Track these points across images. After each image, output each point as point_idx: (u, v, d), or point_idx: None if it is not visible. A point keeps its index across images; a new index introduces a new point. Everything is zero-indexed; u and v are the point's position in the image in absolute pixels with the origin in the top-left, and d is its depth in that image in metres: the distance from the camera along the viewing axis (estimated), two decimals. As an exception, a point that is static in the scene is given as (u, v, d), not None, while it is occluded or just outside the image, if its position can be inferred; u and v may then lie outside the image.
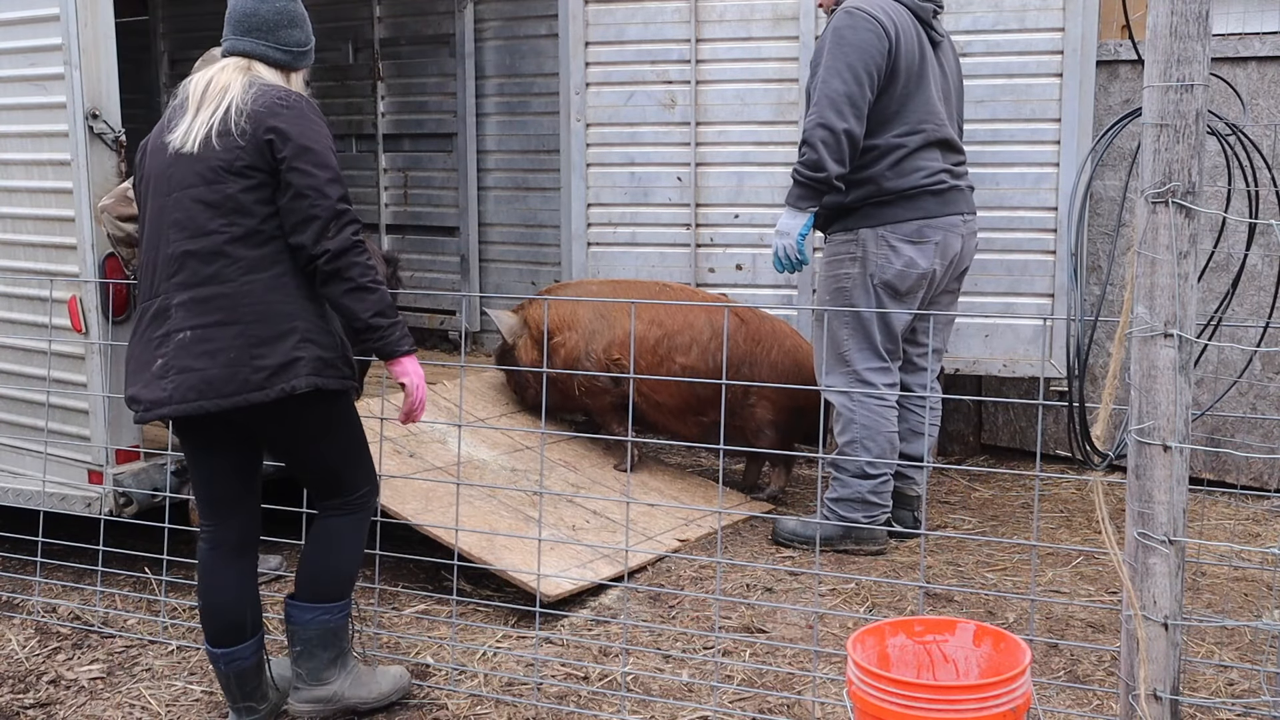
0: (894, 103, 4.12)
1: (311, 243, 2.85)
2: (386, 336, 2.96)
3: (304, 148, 2.83)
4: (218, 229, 2.85)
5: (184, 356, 2.85)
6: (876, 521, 4.29)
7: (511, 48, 6.40)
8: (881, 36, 4.03)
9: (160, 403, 2.87)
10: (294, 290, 2.90)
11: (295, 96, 2.92)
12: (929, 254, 4.18)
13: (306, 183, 2.84)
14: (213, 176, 2.84)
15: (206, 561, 3.10)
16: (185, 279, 2.87)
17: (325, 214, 2.84)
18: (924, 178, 4.16)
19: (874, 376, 4.23)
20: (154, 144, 3.01)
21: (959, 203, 4.27)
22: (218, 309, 2.85)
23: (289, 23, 3.00)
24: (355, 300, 2.90)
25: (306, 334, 2.89)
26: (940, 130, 4.21)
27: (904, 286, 4.20)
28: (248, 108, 2.84)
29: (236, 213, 2.85)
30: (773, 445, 4.74)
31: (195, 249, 2.86)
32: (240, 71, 2.93)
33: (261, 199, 2.86)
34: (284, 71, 3.01)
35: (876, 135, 4.12)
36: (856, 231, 4.20)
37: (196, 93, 2.92)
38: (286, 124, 2.84)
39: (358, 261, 2.88)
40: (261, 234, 2.87)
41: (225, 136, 2.83)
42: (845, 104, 4.01)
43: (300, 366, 2.87)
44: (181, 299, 2.87)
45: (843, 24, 4.07)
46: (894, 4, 4.14)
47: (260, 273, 2.87)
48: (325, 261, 2.86)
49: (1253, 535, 4.50)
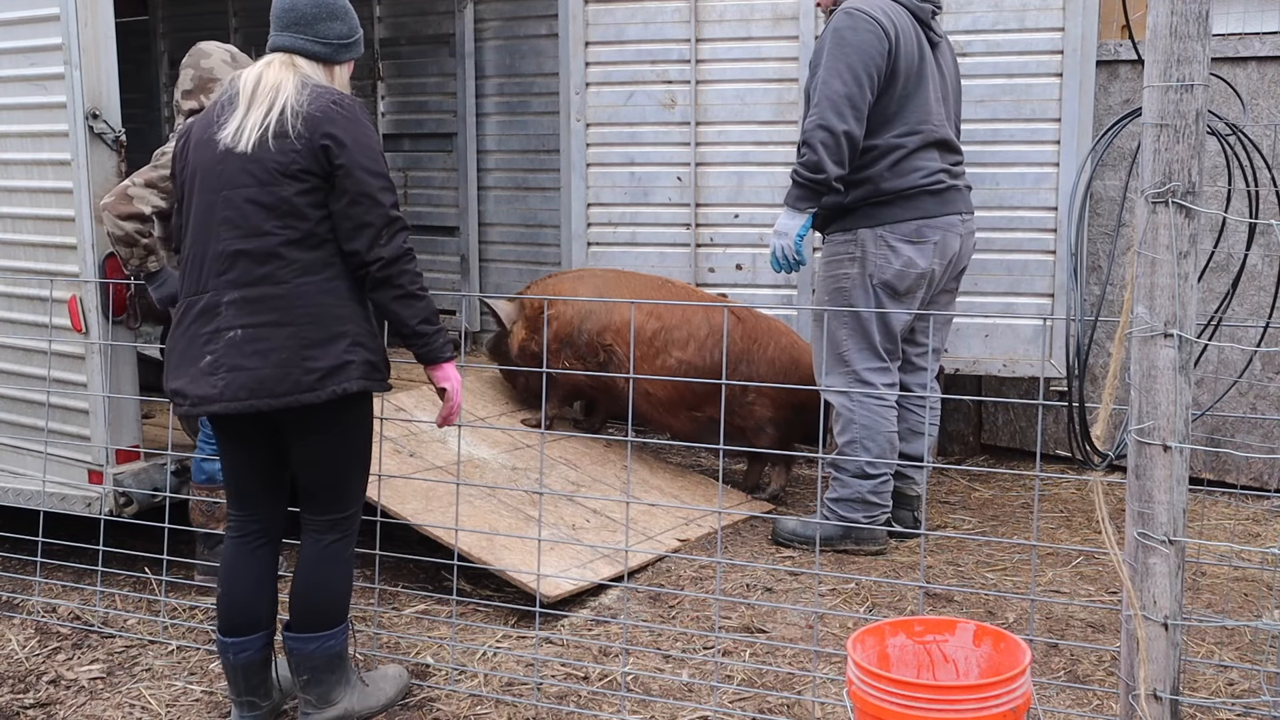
0: (893, 103, 4.12)
1: (365, 249, 2.89)
2: (431, 343, 3.03)
3: (358, 155, 2.85)
4: (272, 230, 2.86)
5: (235, 355, 2.87)
6: (876, 521, 4.30)
7: (511, 47, 6.41)
8: (881, 37, 4.03)
9: (210, 399, 2.89)
10: (345, 293, 2.94)
11: (348, 100, 2.92)
12: (928, 254, 4.18)
13: (361, 190, 2.86)
14: (267, 178, 2.85)
15: (230, 550, 3.15)
16: (236, 277, 2.88)
17: (379, 221, 2.88)
18: (922, 178, 4.16)
19: (873, 376, 4.23)
20: (199, 137, 2.98)
21: (957, 202, 4.27)
22: (270, 309, 2.87)
23: (329, 15, 2.99)
24: (404, 307, 2.96)
25: (356, 337, 2.94)
26: (938, 131, 4.21)
27: (903, 286, 4.20)
28: (303, 110, 2.84)
29: (291, 215, 2.86)
30: (772, 443, 4.75)
31: (249, 249, 2.87)
32: (288, 69, 2.92)
33: (315, 203, 2.87)
34: (326, 65, 3.00)
35: (875, 136, 4.12)
36: (855, 232, 4.21)
37: (247, 89, 2.91)
38: (342, 130, 2.85)
39: (408, 269, 2.94)
40: (315, 237, 2.89)
41: (281, 139, 2.83)
42: (845, 105, 4.01)
43: (351, 370, 2.92)
44: (232, 297, 2.88)
45: (843, 24, 4.07)
46: (893, 4, 4.14)
47: (313, 275, 2.89)
48: (378, 269, 2.90)
49: (1253, 535, 4.50)
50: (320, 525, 3.07)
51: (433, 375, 3.13)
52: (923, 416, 4.39)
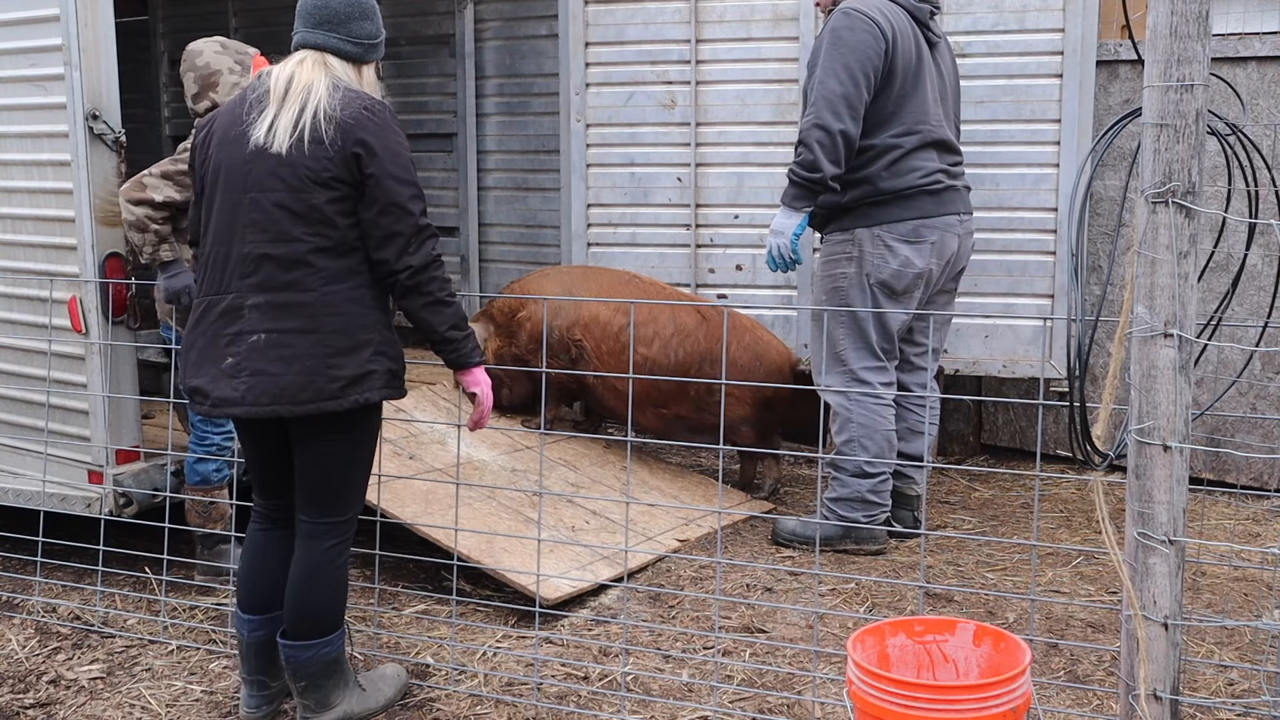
0: (890, 104, 4.12)
1: (394, 258, 2.89)
2: (460, 348, 3.05)
3: (389, 164, 2.85)
4: (301, 237, 2.85)
5: (258, 360, 2.87)
6: (876, 521, 4.30)
7: (511, 48, 6.41)
8: (878, 37, 4.04)
9: (231, 402, 2.90)
10: (370, 302, 2.94)
11: (379, 106, 2.91)
12: (925, 254, 4.19)
13: (391, 199, 2.86)
14: (298, 185, 2.83)
15: (253, 534, 3.19)
16: (261, 281, 2.87)
17: (408, 230, 2.89)
18: (920, 178, 4.16)
19: (870, 375, 4.24)
20: (225, 132, 2.96)
21: (955, 203, 4.28)
22: (296, 316, 2.86)
23: (360, 15, 2.98)
24: (433, 314, 2.97)
25: (379, 346, 2.95)
26: (936, 131, 4.21)
27: (900, 286, 4.20)
28: (336, 115, 2.83)
29: (321, 223, 2.86)
30: (751, 440, 4.78)
31: (276, 254, 2.86)
32: (320, 68, 2.91)
33: (344, 210, 2.87)
34: (355, 65, 2.99)
35: (873, 136, 4.12)
36: (853, 231, 4.21)
37: (279, 88, 2.89)
38: (373, 138, 2.84)
39: (437, 276, 2.95)
40: (344, 245, 2.89)
41: (315, 144, 2.82)
42: (842, 105, 4.01)
43: (374, 379, 2.93)
44: (256, 301, 2.88)
45: (840, 25, 4.08)
46: (891, 5, 4.14)
47: (341, 283, 2.89)
48: (407, 277, 2.91)
49: (1253, 535, 4.50)
50: (317, 528, 3.06)
51: (463, 380, 3.14)
52: (922, 416, 4.39)
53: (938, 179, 4.20)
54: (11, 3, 4.04)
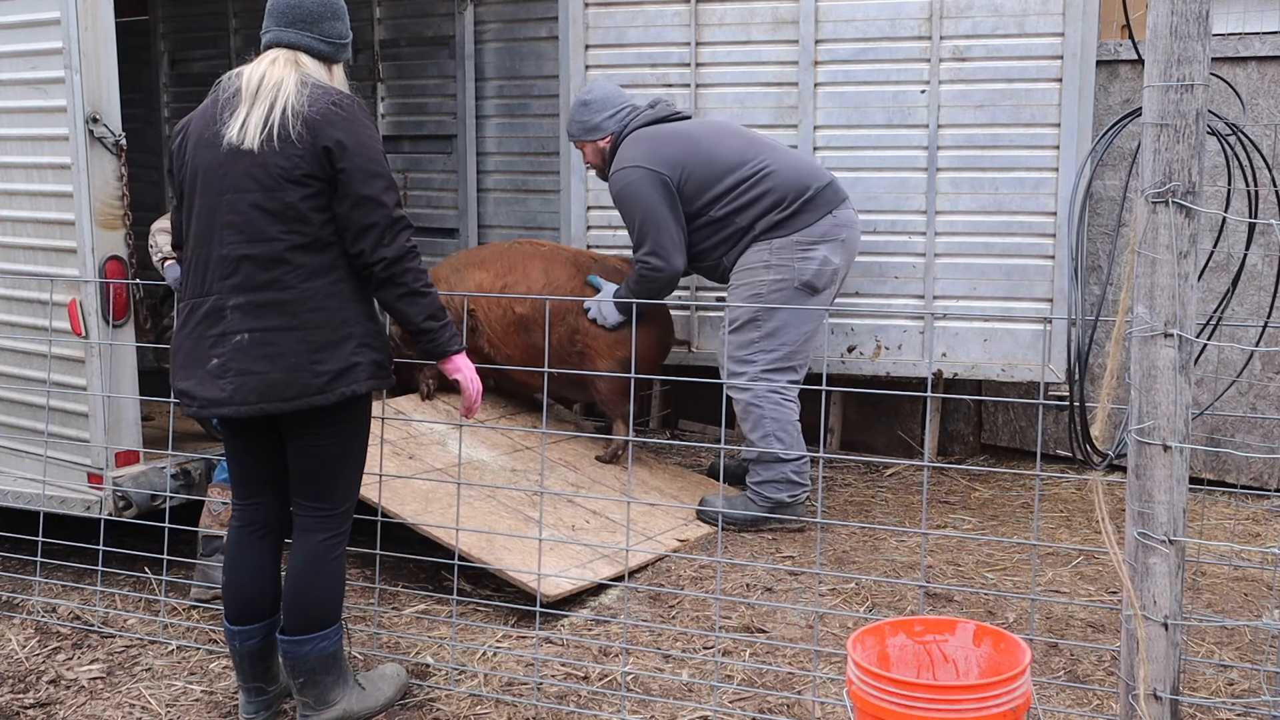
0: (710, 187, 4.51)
1: (369, 250, 2.91)
2: (438, 338, 3.07)
3: (360, 158, 2.87)
4: (277, 235, 2.88)
5: (243, 359, 2.89)
6: (799, 499, 4.53)
7: (511, 50, 6.40)
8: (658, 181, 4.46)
9: (219, 402, 2.92)
10: (350, 295, 2.96)
11: (348, 100, 2.94)
12: (839, 251, 4.50)
13: (364, 192, 2.88)
14: (271, 184, 2.86)
15: (234, 538, 3.18)
16: (241, 282, 2.90)
17: (383, 222, 2.91)
18: (776, 198, 4.48)
19: (776, 376, 4.47)
20: (199, 135, 2.98)
21: (841, 194, 4.60)
22: (278, 314, 2.89)
23: (332, 15, 3.01)
24: (409, 305, 3.00)
25: (363, 339, 2.97)
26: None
27: (821, 283, 4.47)
28: (305, 111, 2.85)
29: (297, 221, 2.88)
30: (609, 393, 4.83)
31: (254, 254, 2.88)
32: (291, 66, 2.93)
33: (319, 206, 2.89)
34: (327, 63, 3.02)
35: (716, 204, 4.51)
36: (769, 241, 4.48)
37: (250, 87, 2.91)
38: (343, 133, 2.86)
39: (412, 267, 2.97)
40: (320, 240, 2.91)
41: (284, 142, 2.84)
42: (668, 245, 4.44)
43: (360, 371, 2.96)
44: (237, 301, 2.90)
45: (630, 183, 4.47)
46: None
47: (319, 279, 2.91)
48: (382, 269, 2.93)
49: (1253, 535, 4.51)
50: (311, 521, 3.08)
51: (444, 369, 3.16)
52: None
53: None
54: (12, 6, 4.04)
